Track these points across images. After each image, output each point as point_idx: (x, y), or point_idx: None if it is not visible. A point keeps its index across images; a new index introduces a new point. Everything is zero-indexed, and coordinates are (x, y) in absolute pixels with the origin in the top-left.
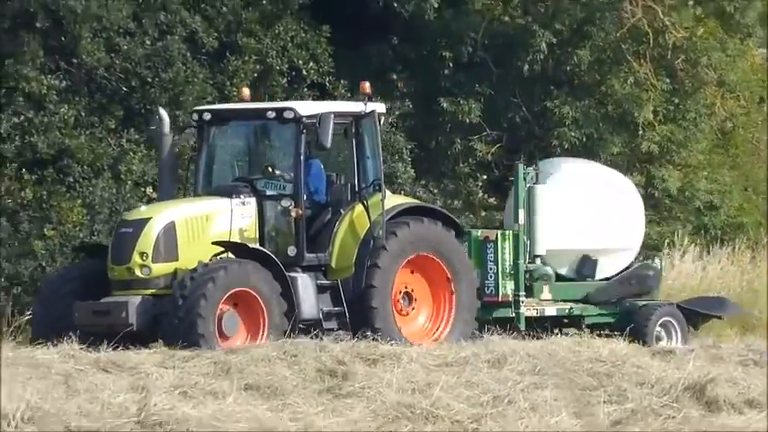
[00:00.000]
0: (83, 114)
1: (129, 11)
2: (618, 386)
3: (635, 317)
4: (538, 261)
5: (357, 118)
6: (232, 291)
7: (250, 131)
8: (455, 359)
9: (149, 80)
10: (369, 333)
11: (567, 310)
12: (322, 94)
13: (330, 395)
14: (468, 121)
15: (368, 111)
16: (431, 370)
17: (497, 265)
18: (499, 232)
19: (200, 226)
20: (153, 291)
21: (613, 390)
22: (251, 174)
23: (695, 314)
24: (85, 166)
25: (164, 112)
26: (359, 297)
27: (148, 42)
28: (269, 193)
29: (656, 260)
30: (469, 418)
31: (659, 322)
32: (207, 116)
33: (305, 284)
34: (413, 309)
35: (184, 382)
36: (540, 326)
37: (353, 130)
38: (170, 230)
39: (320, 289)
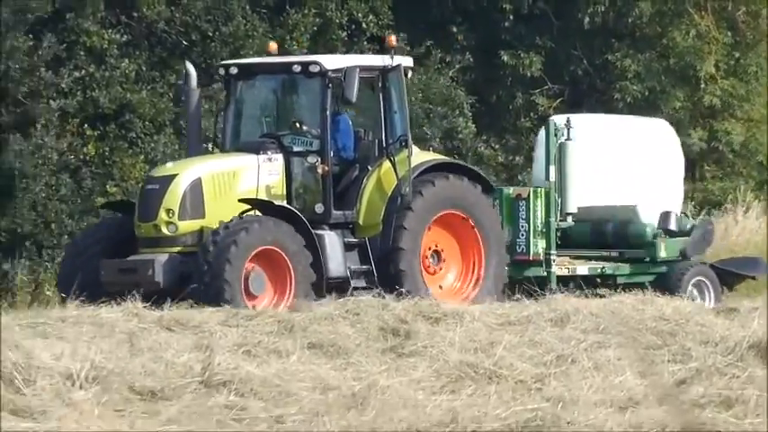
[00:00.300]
0: (143, 69)
1: None
2: (682, 345)
3: (668, 276)
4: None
5: (383, 72)
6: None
7: (277, 86)
8: (518, 318)
9: (209, 34)
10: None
11: (599, 269)
12: (381, 47)
13: (393, 354)
14: (529, 74)
15: (394, 64)
16: (493, 329)
17: (529, 223)
18: (531, 189)
19: (226, 183)
20: (180, 248)
21: (677, 348)
22: (278, 129)
23: (729, 274)
24: (147, 122)
25: (191, 67)
26: (386, 257)
27: None
28: (296, 149)
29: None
30: (533, 377)
31: (692, 282)
32: (233, 70)
33: (332, 242)
34: (441, 268)
35: (248, 340)
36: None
37: (380, 85)
38: (196, 187)
39: (348, 247)
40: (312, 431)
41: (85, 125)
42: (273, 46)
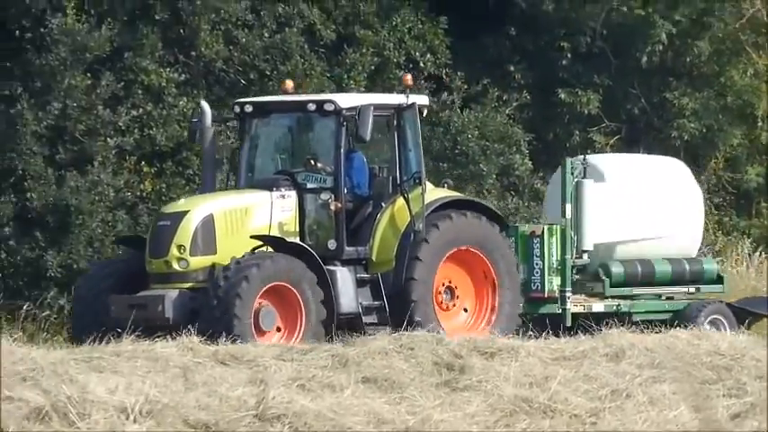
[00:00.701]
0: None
1: (248, 3)
2: (737, 379)
3: (684, 313)
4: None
5: (399, 110)
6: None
7: (291, 124)
8: (572, 353)
9: (267, 73)
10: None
11: (614, 307)
12: (439, 86)
13: (447, 388)
14: (586, 112)
15: (409, 103)
16: (548, 363)
17: (543, 261)
18: (546, 227)
19: (238, 219)
20: (191, 284)
21: (732, 383)
22: (292, 167)
23: (744, 312)
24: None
25: (206, 105)
26: (399, 291)
27: (267, 35)
28: (309, 186)
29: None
30: (587, 412)
31: (708, 319)
32: (248, 108)
33: (344, 278)
34: (455, 304)
35: (302, 374)
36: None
37: (395, 123)
38: (208, 223)
39: (360, 283)
40: None
41: (143, 162)
42: (289, 84)
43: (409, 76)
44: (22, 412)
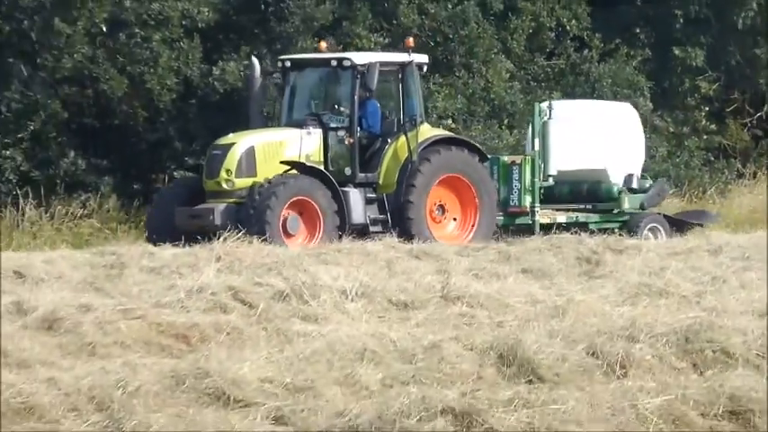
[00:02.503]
0: None
1: None
2: None
3: (629, 223)
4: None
5: (402, 66)
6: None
7: (319, 76)
8: (682, 249)
9: (450, 36)
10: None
11: (574, 218)
12: (581, 44)
13: (586, 277)
14: (694, 64)
15: (409, 60)
16: (663, 257)
17: (521, 183)
18: (522, 157)
19: (274, 150)
20: (235, 199)
21: None
22: (320, 110)
23: (679, 222)
24: None
25: (255, 60)
26: (399, 208)
27: (450, 6)
28: (332, 125)
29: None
30: (693, 293)
31: (648, 227)
32: (288, 63)
33: (355, 197)
34: (445, 218)
35: (476, 266)
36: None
37: (399, 76)
38: (250, 153)
39: (369, 201)
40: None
41: None
42: (323, 45)
43: (410, 39)
44: (268, 293)
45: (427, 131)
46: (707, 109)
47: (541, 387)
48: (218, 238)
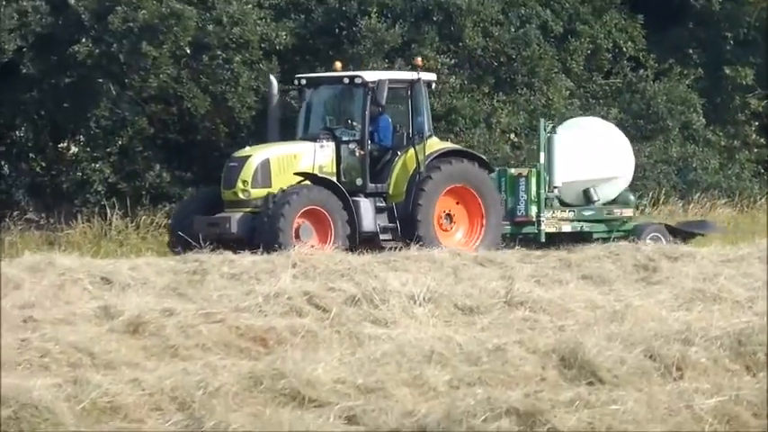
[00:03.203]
0: (465, 83)
1: (499, 7)
2: None
3: (632, 232)
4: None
5: (411, 83)
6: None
7: (333, 93)
8: (735, 256)
9: (513, 57)
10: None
11: (579, 227)
12: (637, 64)
13: (644, 283)
14: (744, 82)
15: (417, 78)
16: (716, 264)
17: (527, 194)
18: (528, 169)
19: (288, 162)
20: (251, 209)
21: None
22: (333, 124)
23: (680, 232)
24: (467, 120)
25: (273, 78)
26: (408, 214)
27: (513, 29)
28: (344, 138)
29: None
30: (746, 299)
31: (650, 236)
32: (303, 81)
33: (365, 206)
34: (452, 227)
35: (538, 272)
36: (559, 239)
37: (408, 93)
38: (266, 165)
39: (378, 210)
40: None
41: None
42: (338, 65)
43: (419, 58)
44: (341, 298)
45: (435, 144)
46: (756, 124)
47: (601, 388)
48: (292, 248)
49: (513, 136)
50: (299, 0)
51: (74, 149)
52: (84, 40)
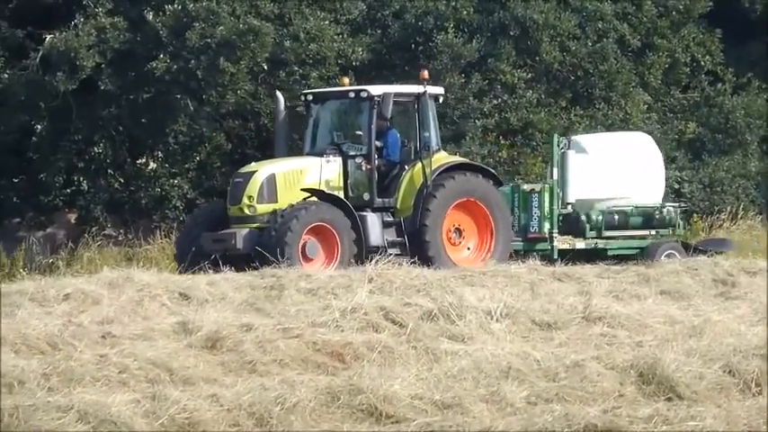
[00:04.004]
0: (542, 97)
1: (576, 21)
2: None
3: (647, 250)
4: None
5: (418, 97)
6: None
7: (339, 107)
8: None
9: (590, 71)
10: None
11: (593, 245)
12: (715, 78)
13: (722, 298)
14: None
15: (423, 92)
16: None
17: (540, 210)
18: (541, 185)
19: (295, 177)
20: (257, 225)
21: None
22: (340, 139)
23: (697, 250)
24: (544, 134)
25: (280, 95)
26: (415, 232)
27: (590, 44)
28: (351, 153)
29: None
30: None
31: (665, 253)
32: (310, 97)
33: (373, 221)
34: (462, 241)
35: (616, 288)
36: (572, 257)
37: (415, 107)
38: (271, 180)
39: (386, 224)
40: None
41: (500, 137)
42: (346, 80)
43: (426, 71)
44: (417, 314)
45: (443, 158)
46: None
47: (680, 404)
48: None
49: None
50: (375, 15)
51: (152, 165)
52: (162, 56)
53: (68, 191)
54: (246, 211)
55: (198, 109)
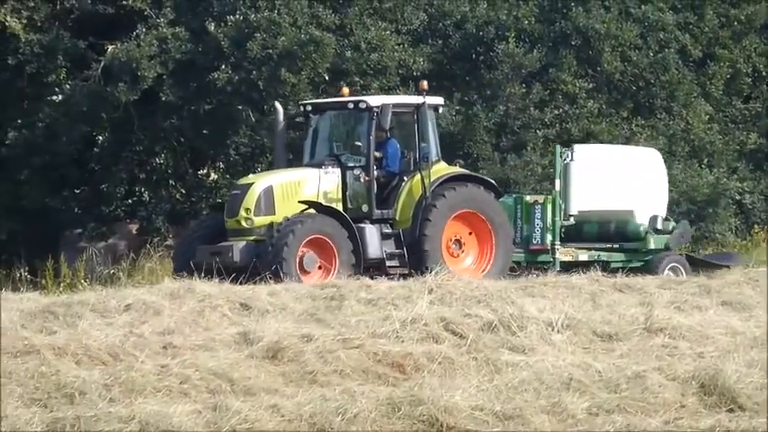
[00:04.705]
0: (604, 107)
1: (638, 31)
2: None
3: (650, 263)
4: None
5: (417, 107)
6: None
7: (338, 118)
8: None
9: (652, 82)
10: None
11: (597, 256)
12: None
13: None
14: None
15: (422, 102)
16: None
17: (543, 222)
18: (544, 196)
19: (293, 189)
20: (255, 237)
21: None
22: (339, 150)
23: (703, 263)
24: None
25: (278, 105)
26: (415, 242)
27: (651, 54)
28: (350, 164)
29: (686, 221)
30: None
31: (668, 267)
32: (309, 108)
33: (371, 232)
34: (461, 252)
35: (677, 299)
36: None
37: (415, 117)
38: (269, 192)
39: (385, 236)
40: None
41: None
42: (346, 90)
43: (425, 82)
44: (478, 325)
45: (442, 169)
46: None
47: (741, 415)
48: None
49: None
50: (436, 25)
51: (213, 176)
52: (223, 66)
53: (130, 201)
54: (244, 223)
55: (259, 120)
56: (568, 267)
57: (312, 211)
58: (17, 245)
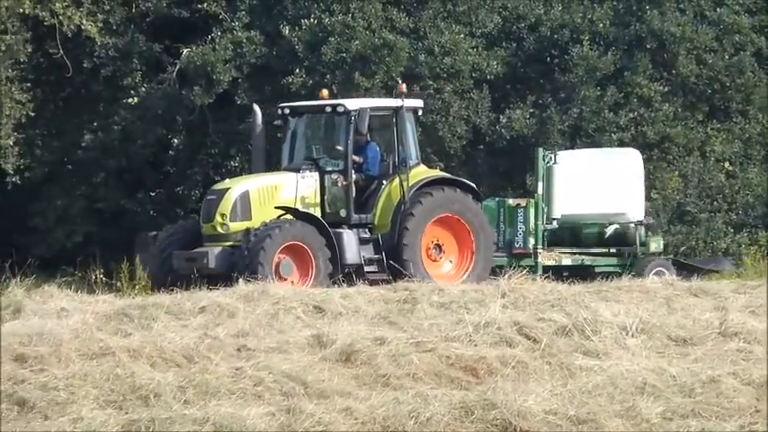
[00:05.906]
0: (679, 110)
1: (713, 34)
2: None
3: (635, 266)
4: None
5: (396, 110)
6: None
7: (316, 122)
8: None
9: (727, 85)
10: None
11: (580, 261)
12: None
13: None
14: None
15: (400, 105)
16: None
17: (525, 225)
18: (527, 200)
19: (269, 194)
20: (231, 243)
21: None
22: (318, 153)
23: (692, 267)
24: (681, 148)
25: (257, 108)
26: (394, 250)
27: (727, 57)
28: (328, 168)
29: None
30: None
31: (653, 271)
32: (287, 111)
33: (349, 238)
34: (442, 257)
35: (752, 303)
36: (558, 273)
37: (394, 120)
38: (245, 197)
39: (363, 241)
40: None
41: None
42: (325, 93)
43: (404, 85)
44: (551, 329)
45: (421, 173)
46: None
47: None
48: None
49: (727, 164)
50: (510, 29)
51: None
52: (297, 70)
53: None
54: (219, 229)
55: None
56: (553, 271)
57: (289, 216)
58: (93, 247)
